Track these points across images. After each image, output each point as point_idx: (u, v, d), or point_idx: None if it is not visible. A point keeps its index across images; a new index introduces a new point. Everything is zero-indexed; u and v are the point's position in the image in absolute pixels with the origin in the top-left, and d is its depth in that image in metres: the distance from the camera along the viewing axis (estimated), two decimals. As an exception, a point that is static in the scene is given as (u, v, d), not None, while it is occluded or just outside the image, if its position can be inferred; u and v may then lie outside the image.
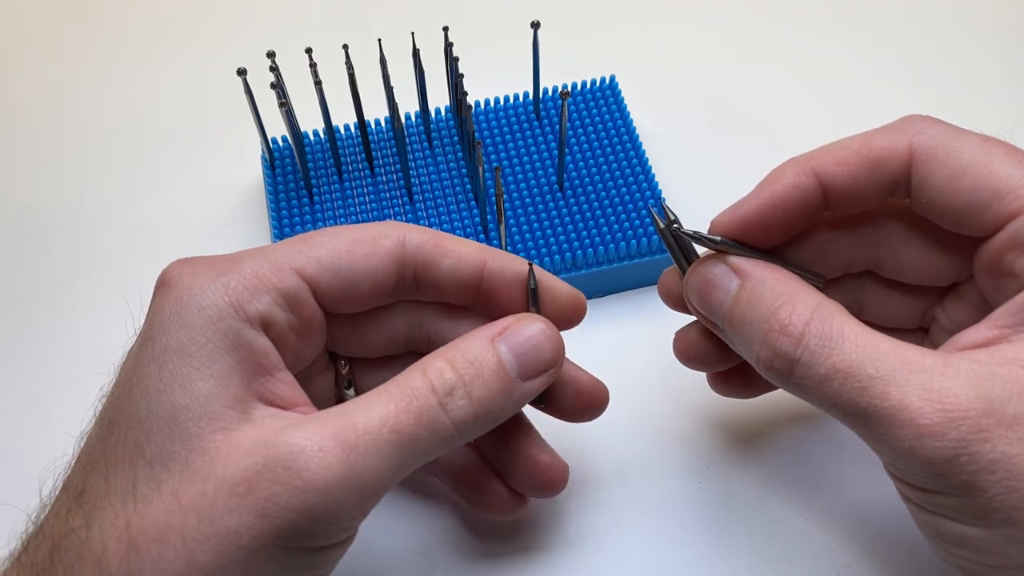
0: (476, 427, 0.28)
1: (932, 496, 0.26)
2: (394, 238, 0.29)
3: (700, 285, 0.30)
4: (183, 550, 0.24)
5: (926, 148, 0.28)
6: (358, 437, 0.25)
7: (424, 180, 0.46)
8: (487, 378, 0.27)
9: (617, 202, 0.44)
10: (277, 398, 0.27)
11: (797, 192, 0.29)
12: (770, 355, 0.27)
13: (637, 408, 0.39)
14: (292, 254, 0.28)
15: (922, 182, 0.28)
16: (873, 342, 0.26)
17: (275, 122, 0.44)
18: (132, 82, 0.55)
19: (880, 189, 0.29)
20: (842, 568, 0.35)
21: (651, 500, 0.37)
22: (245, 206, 0.48)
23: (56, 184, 0.50)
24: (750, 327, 0.28)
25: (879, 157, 0.28)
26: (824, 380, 0.26)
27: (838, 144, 0.29)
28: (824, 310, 0.27)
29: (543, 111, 0.48)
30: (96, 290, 0.45)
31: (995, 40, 0.54)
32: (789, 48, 0.55)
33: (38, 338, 0.44)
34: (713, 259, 0.30)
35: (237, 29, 0.57)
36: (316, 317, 0.29)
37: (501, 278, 0.30)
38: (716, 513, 0.36)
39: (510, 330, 0.29)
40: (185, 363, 0.26)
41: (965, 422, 0.24)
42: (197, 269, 0.27)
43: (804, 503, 0.36)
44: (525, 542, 0.36)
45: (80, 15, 0.59)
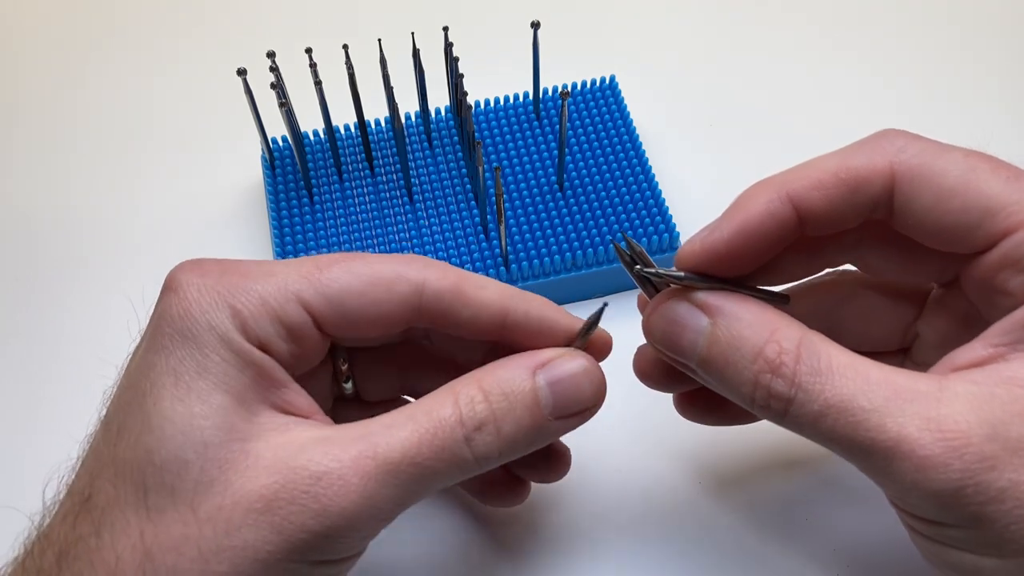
0: (498, 462, 0.27)
1: (940, 528, 0.25)
2: (413, 284, 0.28)
3: (665, 327, 0.28)
4: (199, 560, 0.24)
5: (909, 168, 0.26)
6: (377, 467, 0.25)
7: (424, 180, 0.46)
8: (519, 414, 0.27)
9: (617, 202, 0.44)
10: (292, 407, 0.27)
11: (771, 219, 0.27)
12: (765, 396, 0.26)
13: (637, 409, 0.39)
14: (301, 285, 0.27)
15: (906, 204, 0.26)
16: (863, 371, 0.25)
17: (275, 122, 0.44)
18: (132, 82, 0.55)
19: (859, 211, 0.27)
20: (842, 569, 0.35)
21: (650, 501, 0.37)
22: (245, 206, 0.48)
23: (56, 184, 0.50)
24: (733, 368, 0.26)
25: (858, 179, 0.26)
26: (818, 417, 0.25)
27: (812, 165, 0.27)
28: (809, 343, 0.26)
29: (543, 111, 0.48)
30: (96, 291, 0.45)
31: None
32: (789, 48, 0.54)
33: (39, 339, 0.44)
34: (675, 297, 0.27)
35: (237, 29, 0.57)
36: (318, 346, 0.29)
37: (525, 329, 0.29)
38: (715, 513, 0.36)
39: (552, 364, 0.28)
40: (202, 378, 0.25)
41: (968, 450, 0.23)
42: (206, 281, 0.27)
43: (804, 503, 0.36)
44: (520, 543, 0.36)
45: (80, 15, 0.59)
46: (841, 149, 0.28)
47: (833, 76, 0.53)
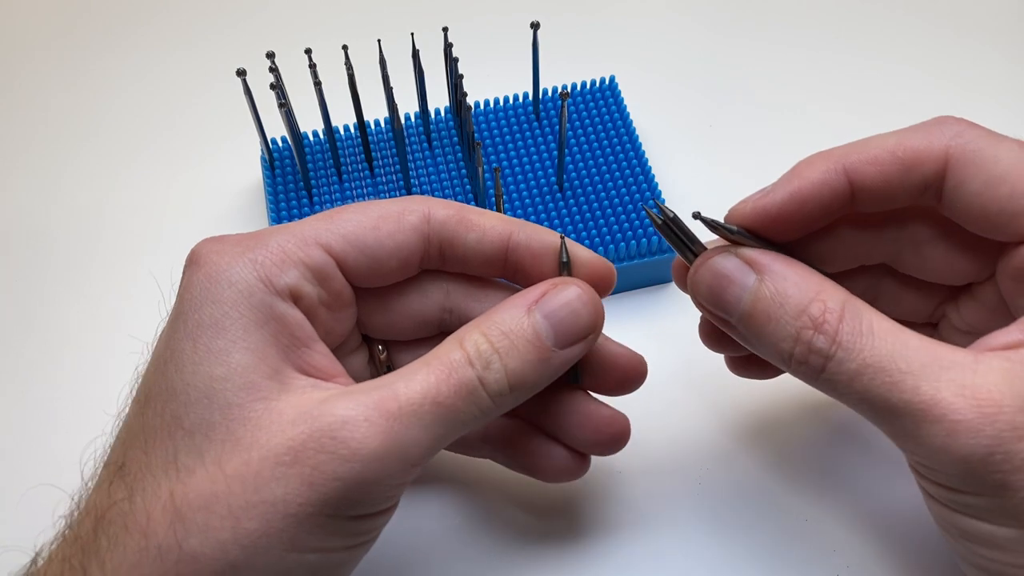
0: (512, 399, 0.27)
1: (960, 495, 0.26)
2: (419, 213, 0.29)
3: (711, 280, 0.28)
4: (229, 518, 0.24)
5: (963, 152, 0.27)
6: (400, 408, 0.25)
7: (424, 181, 0.46)
8: (523, 350, 0.27)
9: (617, 202, 0.44)
10: (314, 369, 0.27)
11: (825, 189, 0.28)
12: (804, 352, 0.26)
13: (637, 409, 0.39)
14: (318, 230, 0.28)
15: (957, 187, 0.27)
16: (903, 338, 0.26)
17: (275, 122, 0.44)
18: (132, 82, 0.55)
19: (911, 191, 0.28)
20: (842, 569, 0.35)
21: (650, 500, 0.37)
22: (245, 206, 0.48)
23: (56, 184, 0.50)
24: (776, 323, 0.27)
25: (914, 158, 0.27)
26: (855, 375, 0.25)
27: (871, 142, 0.28)
28: (853, 306, 0.26)
29: (543, 111, 0.48)
30: (96, 291, 0.45)
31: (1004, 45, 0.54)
32: (789, 48, 0.54)
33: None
34: (723, 252, 0.28)
35: (237, 29, 0.57)
36: (345, 291, 0.30)
37: (527, 250, 0.30)
38: (716, 514, 0.36)
39: (546, 297, 0.28)
40: (220, 336, 0.26)
41: (1000, 418, 0.24)
42: (224, 246, 0.28)
43: (804, 504, 0.36)
44: (522, 543, 0.36)
45: (81, 15, 0.59)
46: (900, 130, 0.29)
47: (833, 76, 0.53)
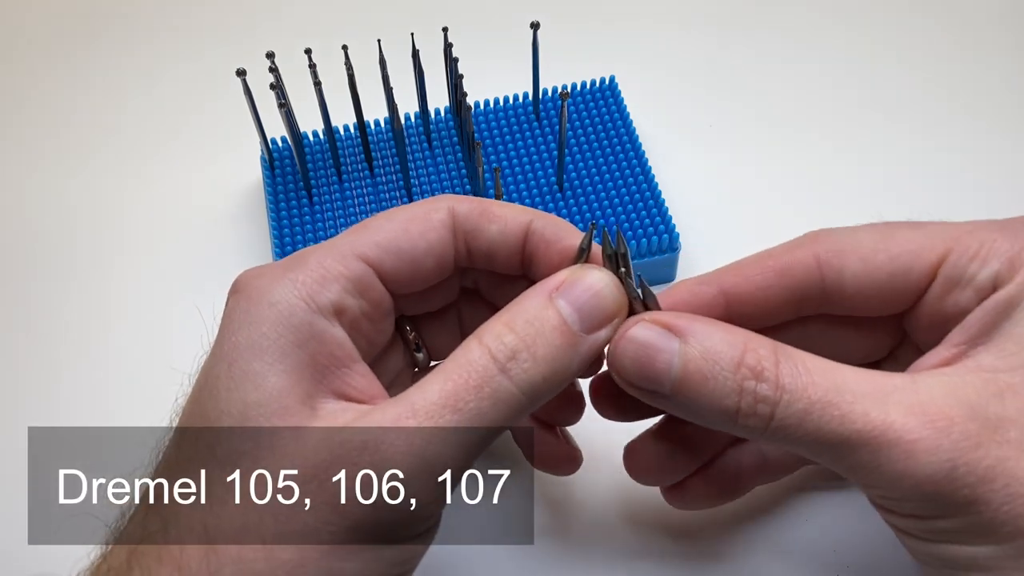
0: (546, 388, 0.26)
1: (931, 522, 0.25)
2: (445, 210, 0.30)
3: (637, 351, 0.27)
4: (262, 549, 0.24)
5: (830, 250, 0.29)
6: (419, 423, 0.25)
7: (424, 181, 0.46)
8: (549, 336, 0.26)
9: (617, 202, 0.44)
10: (353, 391, 0.27)
11: (708, 312, 0.29)
12: (751, 403, 0.26)
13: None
14: (352, 242, 0.29)
15: (839, 277, 0.29)
16: (840, 372, 0.25)
17: (275, 123, 0.44)
18: (131, 82, 0.55)
19: (789, 298, 0.29)
20: (842, 569, 0.35)
21: (650, 500, 0.37)
22: (245, 206, 0.48)
23: (55, 184, 0.50)
24: (714, 382, 0.26)
25: (784, 265, 0.29)
26: (804, 416, 0.25)
27: (743, 261, 0.30)
28: (783, 350, 0.26)
29: (543, 112, 0.48)
30: (96, 289, 0.45)
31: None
32: (789, 48, 0.54)
33: (39, 335, 0.44)
34: (638, 322, 0.27)
35: (237, 29, 0.57)
36: (384, 300, 0.30)
37: (542, 237, 0.30)
38: (716, 513, 0.36)
39: (567, 283, 0.28)
40: (256, 359, 0.26)
41: (954, 430, 0.23)
42: (264, 270, 0.28)
43: (804, 503, 0.36)
44: (517, 545, 0.36)
45: (81, 15, 0.59)
46: (770, 248, 0.30)
47: (833, 76, 0.53)
